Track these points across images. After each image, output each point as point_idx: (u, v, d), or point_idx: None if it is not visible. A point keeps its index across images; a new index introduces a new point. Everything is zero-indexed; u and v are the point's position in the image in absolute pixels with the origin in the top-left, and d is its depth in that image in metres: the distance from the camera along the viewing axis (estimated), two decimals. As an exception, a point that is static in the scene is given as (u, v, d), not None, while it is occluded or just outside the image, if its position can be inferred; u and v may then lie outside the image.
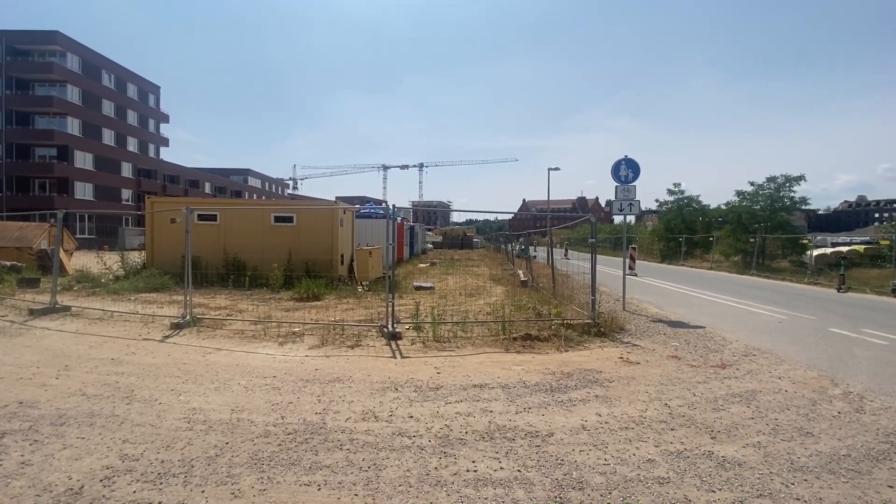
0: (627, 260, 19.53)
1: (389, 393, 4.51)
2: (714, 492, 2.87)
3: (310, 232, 12.44)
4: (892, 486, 2.99)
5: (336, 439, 3.50)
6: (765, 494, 2.85)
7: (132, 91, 47.54)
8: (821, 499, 2.82)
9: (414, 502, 2.71)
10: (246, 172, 73.36)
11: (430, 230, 60.15)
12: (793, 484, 2.98)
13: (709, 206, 29.51)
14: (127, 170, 45.90)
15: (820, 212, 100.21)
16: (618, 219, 10.92)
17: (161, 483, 2.87)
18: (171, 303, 8.82)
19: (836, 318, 9.13)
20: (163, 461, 3.13)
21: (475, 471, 3.08)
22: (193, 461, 3.14)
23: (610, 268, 18.62)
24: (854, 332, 7.78)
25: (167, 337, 6.63)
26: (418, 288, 12.30)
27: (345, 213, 13.33)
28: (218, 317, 7.94)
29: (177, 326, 7.08)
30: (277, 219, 12.68)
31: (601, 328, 7.39)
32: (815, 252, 19.96)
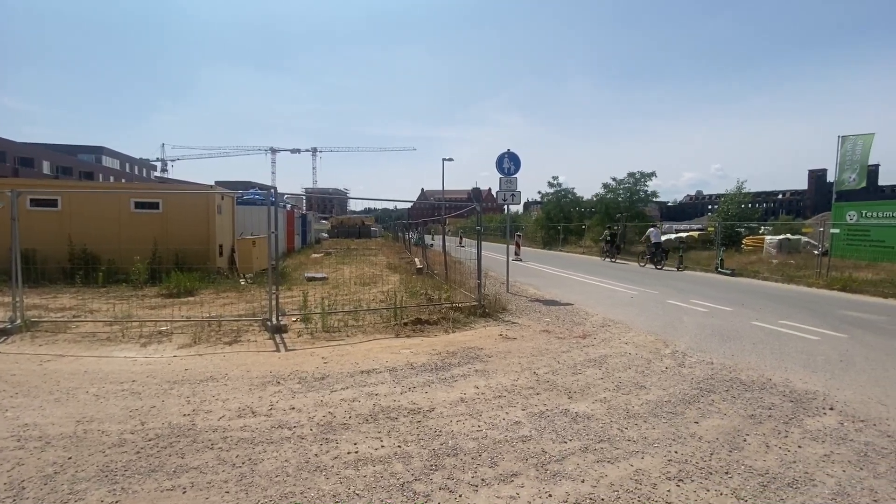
0: (513, 247, 21.08)
1: (270, 387, 4.34)
2: (566, 442, 3.32)
3: (181, 220, 11.18)
4: (697, 422, 3.74)
5: (207, 439, 3.28)
6: (605, 439, 3.38)
7: (-73, 42, 37.41)
8: (646, 437, 3.43)
9: (291, 490, 2.69)
10: (99, 150, 62.62)
11: (325, 219, 57.72)
12: (626, 428, 3.57)
13: (582, 197, 33.00)
14: (-77, 142, 36.28)
15: (669, 204, 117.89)
16: (510, 208, 11.69)
17: (-23, 513, 2.44)
18: (-7, 306, 7.30)
19: (673, 292, 10.94)
20: (-20, 489, 2.65)
21: (356, 452, 3.15)
22: (25, 482, 2.71)
23: (500, 254, 19.83)
24: (685, 303, 9.42)
25: (-12, 346, 5.51)
26: (310, 279, 11.84)
27: (223, 198, 12.21)
28: (61, 319, 6.80)
29: (2, 333, 5.91)
30: (139, 205, 11.16)
31: (486, 309, 7.91)
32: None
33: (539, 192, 34.44)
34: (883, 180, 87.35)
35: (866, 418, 3.83)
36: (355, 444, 3.26)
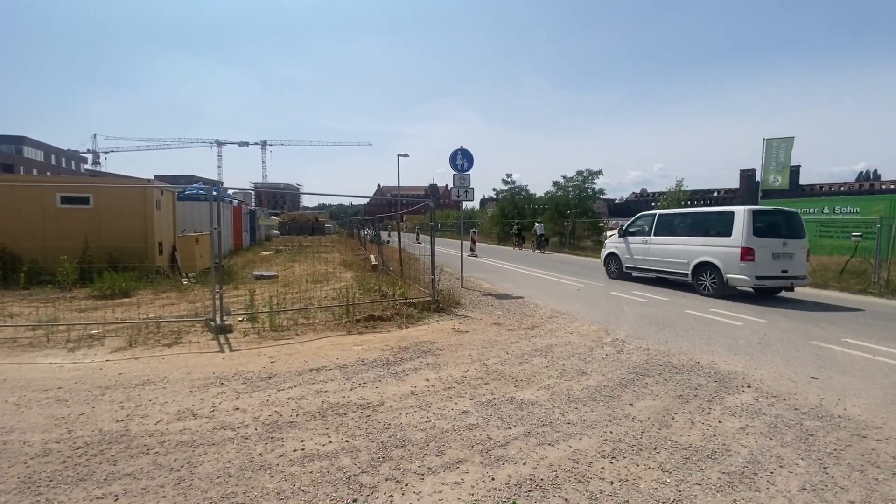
0: (469, 243, 21.36)
1: (213, 388, 4.19)
2: (510, 428, 3.46)
3: (115, 216, 10.45)
4: (632, 404, 4.00)
5: (142, 444, 3.14)
6: (546, 423, 3.54)
7: None
8: (584, 420, 3.63)
9: (233, 490, 2.63)
10: (20, 140, 57.16)
11: (276, 215, 55.77)
12: (567, 412, 3.76)
13: (535, 194, 33.84)
14: None
15: (616, 201, 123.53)
16: (467, 204, 11.84)
17: None
18: None
19: (617, 284, 11.51)
20: None
21: (303, 449, 3.12)
22: (-71, 502, 2.49)
23: (456, 250, 19.99)
24: (626, 294, 9.95)
25: None
26: (259, 277, 11.46)
27: (163, 193, 11.53)
28: (-26, 325, 6.21)
29: None
30: (66, 200, 10.32)
31: (440, 304, 8.00)
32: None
33: (494, 190, 35.02)
34: (804, 180, 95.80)
35: (778, 394, 4.24)
36: (302, 441, 3.23)
